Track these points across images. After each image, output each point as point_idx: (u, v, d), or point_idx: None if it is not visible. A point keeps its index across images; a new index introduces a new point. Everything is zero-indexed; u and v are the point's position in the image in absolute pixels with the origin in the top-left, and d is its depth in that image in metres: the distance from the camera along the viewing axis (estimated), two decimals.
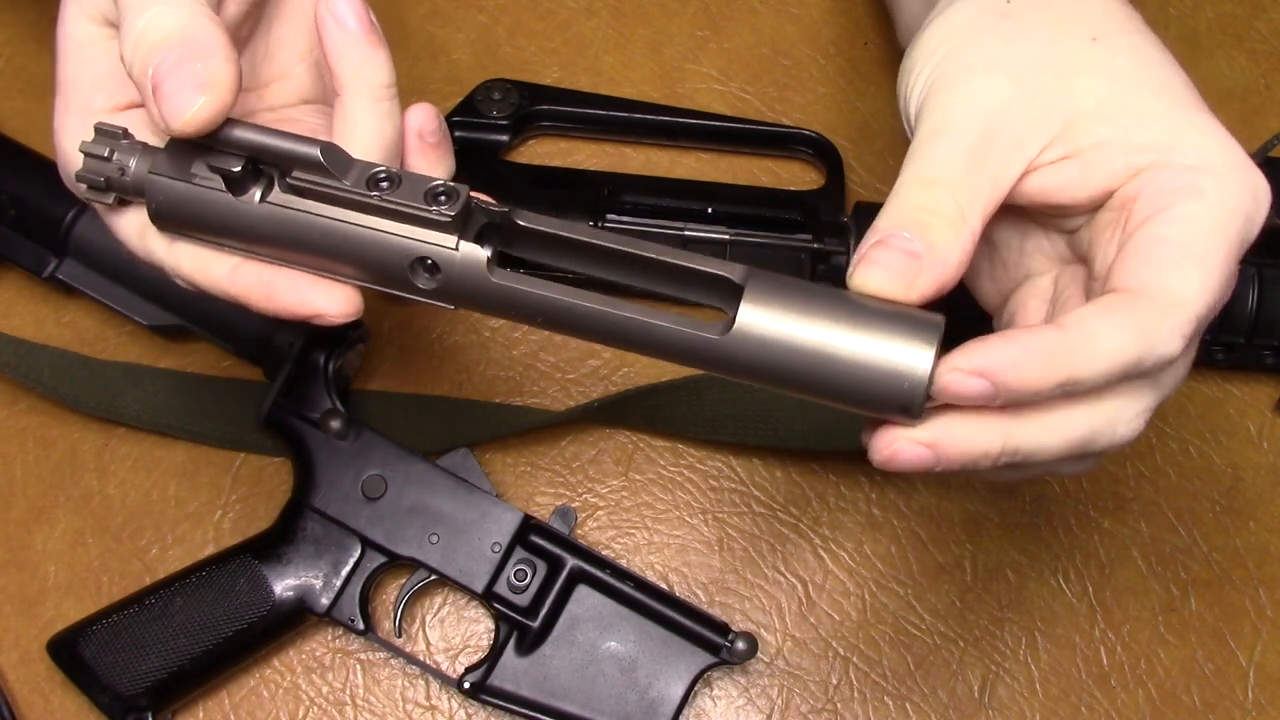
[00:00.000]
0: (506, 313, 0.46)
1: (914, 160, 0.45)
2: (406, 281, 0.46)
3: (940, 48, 0.48)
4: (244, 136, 0.45)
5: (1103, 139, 0.45)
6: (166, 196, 0.47)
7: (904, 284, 0.43)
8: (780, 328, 0.43)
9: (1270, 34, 0.81)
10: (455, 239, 0.45)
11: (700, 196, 0.71)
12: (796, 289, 0.44)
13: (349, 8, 0.47)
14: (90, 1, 0.48)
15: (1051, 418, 0.44)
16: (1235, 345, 0.68)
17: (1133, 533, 0.70)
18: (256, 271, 0.48)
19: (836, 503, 0.70)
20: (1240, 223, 0.44)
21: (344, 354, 0.66)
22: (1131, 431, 0.45)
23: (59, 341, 0.69)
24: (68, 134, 0.49)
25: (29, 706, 0.64)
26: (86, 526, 0.67)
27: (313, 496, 0.64)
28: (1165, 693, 0.67)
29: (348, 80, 0.48)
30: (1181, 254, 0.43)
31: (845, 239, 0.69)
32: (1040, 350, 0.42)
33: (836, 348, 0.43)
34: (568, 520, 0.65)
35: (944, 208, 0.44)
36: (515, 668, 0.63)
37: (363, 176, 0.45)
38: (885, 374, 0.43)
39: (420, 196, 0.45)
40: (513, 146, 0.76)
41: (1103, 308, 0.43)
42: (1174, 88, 0.46)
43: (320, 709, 0.65)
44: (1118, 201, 0.45)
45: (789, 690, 0.66)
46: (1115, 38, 0.47)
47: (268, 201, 0.46)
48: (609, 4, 0.80)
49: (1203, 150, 0.44)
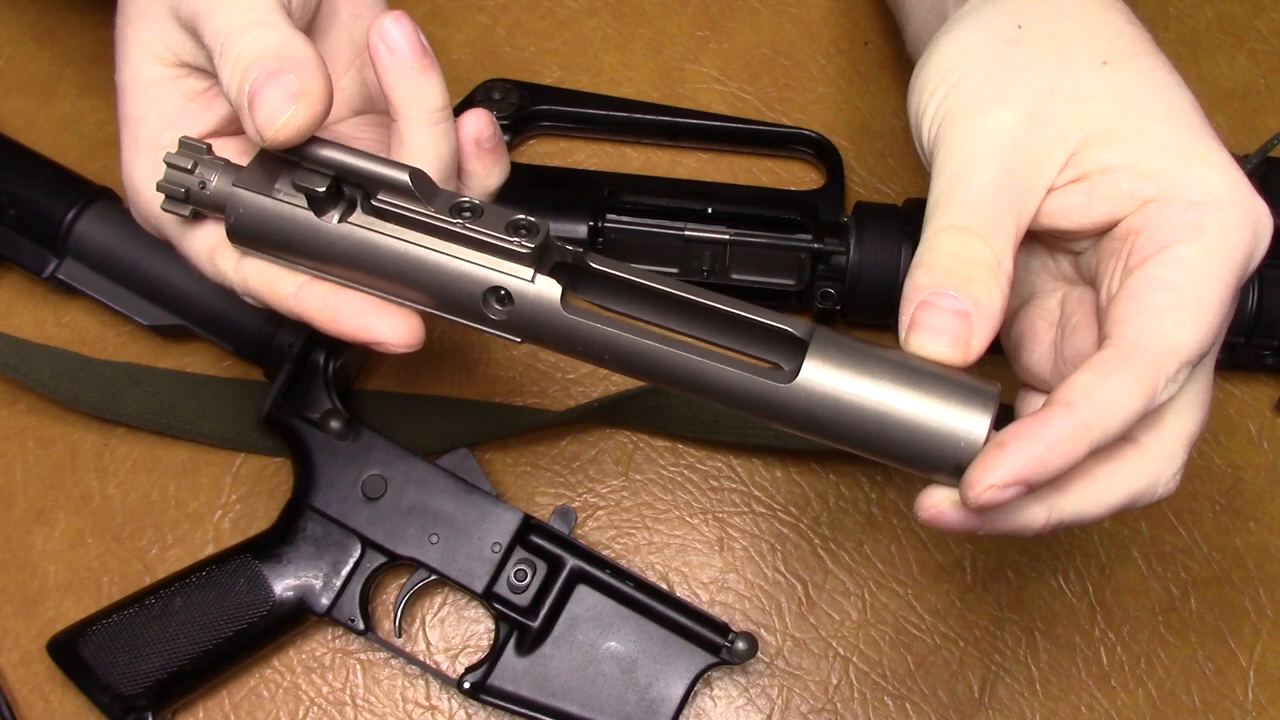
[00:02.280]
0: (574, 349, 0.47)
1: (942, 207, 0.46)
2: (477, 311, 0.47)
3: (952, 74, 0.48)
4: (333, 156, 0.45)
5: (1111, 164, 0.45)
6: (247, 210, 0.47)
7: (961, 349, 0.44)
8: (842, 385, 0.44)
9: (1270, 34, 0.81)
10: (531, 271, 0.46)
11: (700, 196, 0.71)
12: (859, 349, 0.45)
13: (401, 34, 0.48)
14: (159, 42, 0.49)
15: (1094, 487, 0.45)
16: (1235, 345, 0.68)
17: (1133, 533, 0.70)
18: (323, 293, 0.48)
19: (836, 503, 0.70)
20: (1241, 259, 0.45)
21: (344, 354, 0.66)
22: (1169, 490, 0.47)
23: (59, 341, 0.69)
24: (138, 170, 0.50)
25: (29, 706, 0.64)
26: (86, 526, 0.67)
27: (313, 496, 0.64)
28: (1165, 693, 0.67)
29: (402, 106, 0.48)
30: (1178, 298, 0.43)
31: (845, 239, 0.69)
32: (1060, 439, 0.42)
33: (896, 409, 0.44)
34: (568, 520, 0.65)
35: (980, 256, 0.44)
36: (515, 668, 0.63)
37: (446, 204, 0.46)
38: (941, 438, 0.44)
39: (502, 227, 0.45)
40: (513, 146, 0.76)
41: (1104, 372, 0.43)
42: (1183, 113, 0.46)
43: (320, 709, 0.65)
44: (1121, 231, 0.46)
45: (789, 690, 0.66)
46: (1127, 61, 0.47)
47: (348, 222, 0.47)
48: (609, 4, 0.80)
49: (1208, 184, 0.45)
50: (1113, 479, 0.45)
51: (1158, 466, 0.46)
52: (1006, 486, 0.42)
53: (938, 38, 0.50)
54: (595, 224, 0.69)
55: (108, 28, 0.51)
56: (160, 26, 0.49)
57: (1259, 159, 0.71)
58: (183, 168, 0.48)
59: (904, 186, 0.76)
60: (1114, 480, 0.45)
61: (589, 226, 0.69)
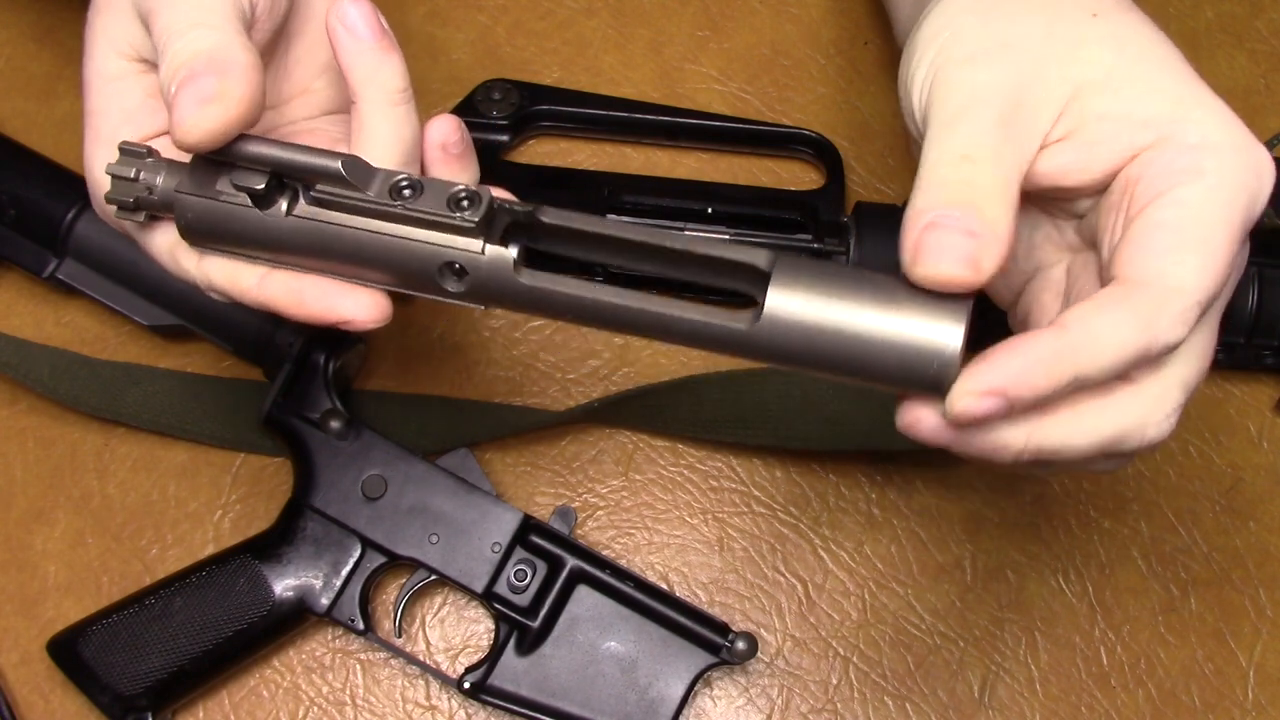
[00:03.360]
0: (537, 310, 0.47)
1: (942, 138, 0.44)
2: (436, 285, 0.47)
3: (943, 31, 0.47)
4: (264, 152, 0.45)
5: (1107, 111, 0.45)
6: (195, 213, 0.48)
7: (971, 267, 0.42)
8: (809, 312, 0.43)
9: (1270, 34, 0.81)
10: (481, 243, 0.46)
11: (700, 196, 0.71)
12: (823, 273, 0.44)
13: (359, 14, 0.48)
14: (122, 38, 0.49)
15: (1079, 418, 0.43)
16: (1235, 345, 0.68)
17: (1133, 533, 0.70)
18: (284, 280, 0.48)
19: (836, 503, 0.70)
20: (1243, 201, 0.44)
21: (344, 354, 0.66)
22: (1161, 433, 0.45)
23: (59, 341, 0.69)
24: (98, 163, 0.50)
25: (29, 706, 0.64)
26: (86, 526, 0.67)
27: (313, 496, 0.64)
28: (1165, 693, 0.67)
29: (361, 87, 0.48)
30: (1178, 239, 0.43)
31: (845, 239, 0.69)
32: (1045, 356, 0.41)
33: (867, 329, 0.43)
34: (568, 520, 0.65)
35: (986, 180, 0.43)
36: (515, 668, 0.63)
37: (385, 185, 0.46)
38: (916, 353, 0.43)
39: (443, 203, 0.45)
40: (513, 146, 0.76)
41: (1101, 303, 0.42)
42: (1175, 63, 0.46)
43: (320, 709, 0.65)
44: (1121, 183, 0.45)
45: (789, 690, 0.66)
46: (1115, 15, 0.47)
47: (294, 215, 0.47)
48: (609, 4, 0.80)
49: (1205, 127, 0.44)
50: (1100, 411, 0.43)
51: (1150, 405, 0.44)
52: (984, 395, 0.41)
53: (926, 10, 0.49)
54: None
55: None
56: (123, 21, 0.49)
57: None
58: (126, 177, 0.48)
59: (904, 186, 0.76)
60: (1101, 412, 0.43)
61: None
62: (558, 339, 0.72)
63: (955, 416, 0.42)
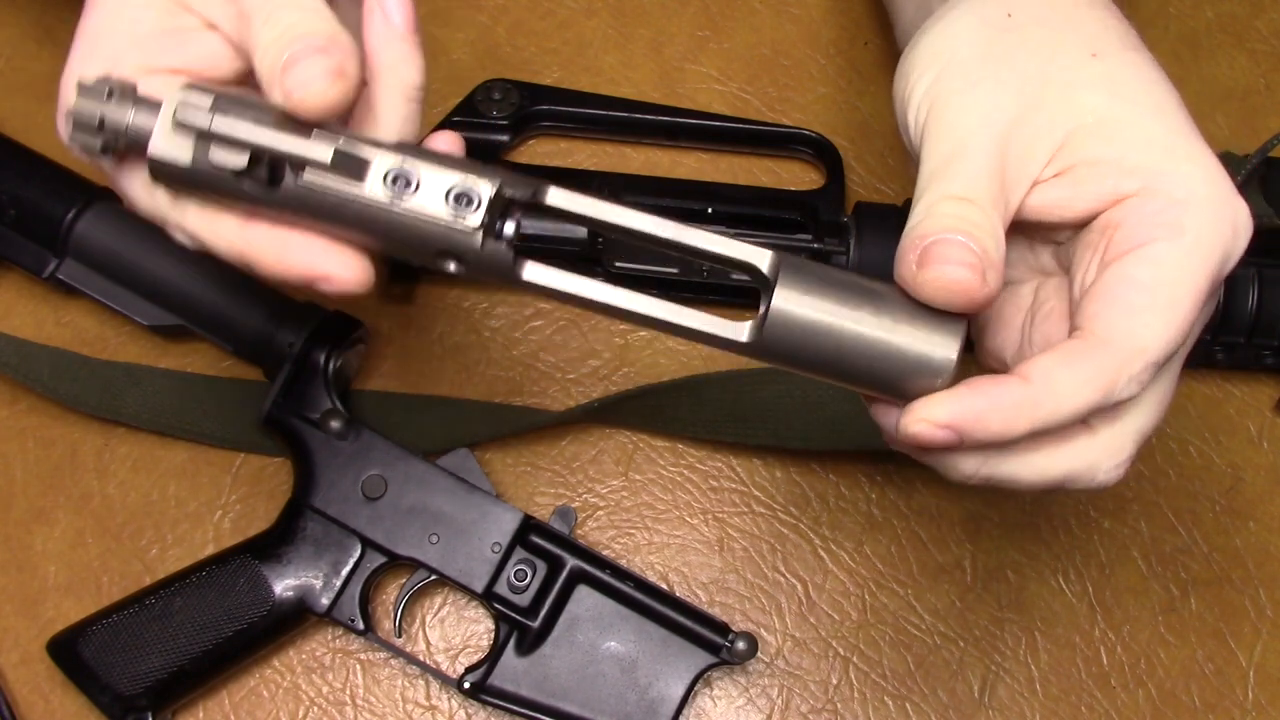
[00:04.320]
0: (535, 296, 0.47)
1: (940, 179, 0.45)
2: (433, 264, 0.46)
3: (941, 56, 0.48)
4: (249, 137, 0.43)
5: (1098, 157, 0.45)
6: (172, 173, 0.45)
7: (978, 277, 0.43)
8: (811, 317, 0.44)
9: (1270, 34, 0.81)
10: (479, 239, 0.44)
11: (700, 196, 0.71)
12: (828, 278, 0.45)
13: (398, 5, 0.48)
14: None
15: (1033, 457, 0.45)
16: (1235, 345, 0.68)
17: (1133, 533, 0.70)
18: (269, 229, 0.46)
19: (836, 503, 0.70)
20: (1217, 259, 0.44)
21: (344, 354, 0.66)
22: (1110, 479, 0.46)
23: (59, 341, 0.69)
24: None
25: (29, 706, 0.64)
26: (86, 526, 0.67)
27: (313, 496, 0.64)
28: (1165, 693, 0.67)
29: (382, 72, 0.47)
30: (1148, 300, 0.44)
31: (845, 239, 0.69)
32: (1006, 404, 0.43)
33: (866, 338, 0.44)
34: (568, 520, 0.65)
35: (983, 221, 0.44)
36: (515, 668, 0.63)
37: (378, 177, 0.44)
38: (911, 366, 0.44)
39: (440, 201, 0.44)
40: (513, 146, 0.76)
41: (1065, 357, 0.43)
42: (1169, 109, 0.46)
43: (320, 709, 0.65)
44: (1100, 224, 0.46)
45: (789, 690, 0.66)
46: (1115, 54, 0.47)
47: (281, 188, 0.44)
48: (609, 4, 0.80)
49: (1191, 181, 0.45)
50: (1055, 454, 0.45)
51: (1103, 454, 0.46)
52: (939, 427, 0.43)
53: (926, 25, 0.50)
54: None
55: None
56: None
57: (1259, 159, 0.71)
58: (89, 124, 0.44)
59: (904, 186, 0.76)
60: (1056, 455, 0.45)
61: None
62: (558, 339, 0.72)
63: (906, 437, 0.44)
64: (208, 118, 0.43)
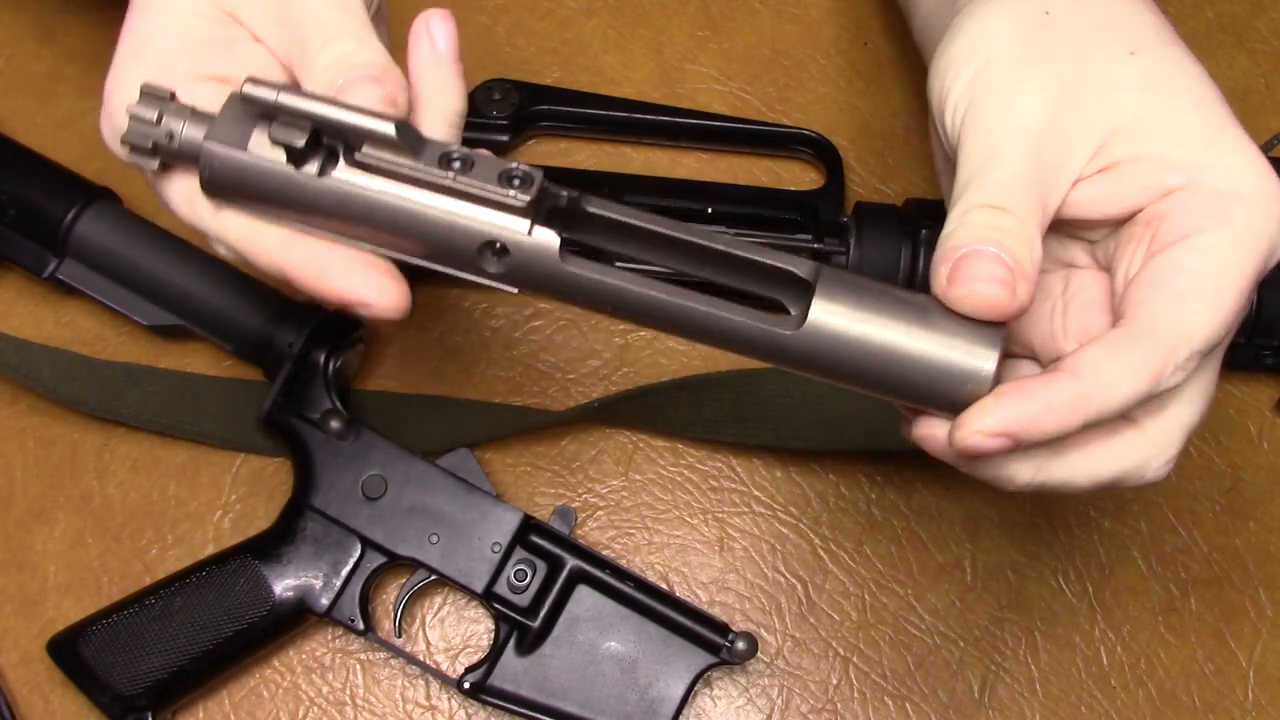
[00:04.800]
0: (572, 299, 0.46)
1: (972, 188, 0.45)
2: (474, 264, 0.45)
3: (978, 55, 0.47)
4: (312, 108, 0.43)
5: (1140, 154, 0.45)
6: (222, 164, 0.45)
7: (1008, 292, 0.43)
8: (849, 326, 0.44)
9: (1270, 34, 0.81)
10: (528, 223, 0.44)
11: (700, 196, 0.71)
12: (866, 288, 0.45)
13: (444, 30, 0.48)
14: None
15: (1085, 459, 0.45)
16: (1235, 345, 0.68)
17: (1133, 533, 0.70)
18: (311, 248, 0.46)
19: (836, 503, 0.70)
20: (1264, 250, 0.45)
21: (344, 354, 0.66)
22: (1159, 475, 0.46)
23: (59, 341, 0.69)
24: (126, 87, 0.47)
25: (29, 706, 0.64)
26: (86, 526, 0.67)
27: (313, 496, 0.64)
28: (1165, 693, 0.67)
29: (426, 98, 0.48)
30: (1197, 286, 0.44)
31: (845, 239, 0.69)
32: (1058, 403, 0.43)
33: (905, 346, 0.44)
34: (568, 520, 0.65)
35: (1013, 227, 0.44)
36: (515, 668, 0.63)
37: (435, 155, 0.44)
38: (948, 375, 0.44)
39: (494, 179, 0.44)
40: (513, 146, 0.76)
41: (1113, 348, 0.43)
42: (1210, 103, 0.46)
43: (320, 709, 0.65)
44: (1145, 217, 0.46)
45: (789, 690, 0.66)
46: (1154, 50, 0.47)
47: (332, 176, 0.45)
48: (609, 4, 0.80)
49: (1237, 175, 0.45)
50: (1105, 454, 0.45)
51: (1152, 450, 0.46)
52: (993, 435, 0.43)
53: (960, 21, 0.49)
54: None
55: (109, 28, 0.51)
56: None
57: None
58: (147, 119, 0.45)
59: (904, 186, 0.76)
60: (1106, 455, 0.45)
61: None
62: (558, 339, 0.72)
63: (960, 450, 0.44)
64: (274, 92, 0.43)
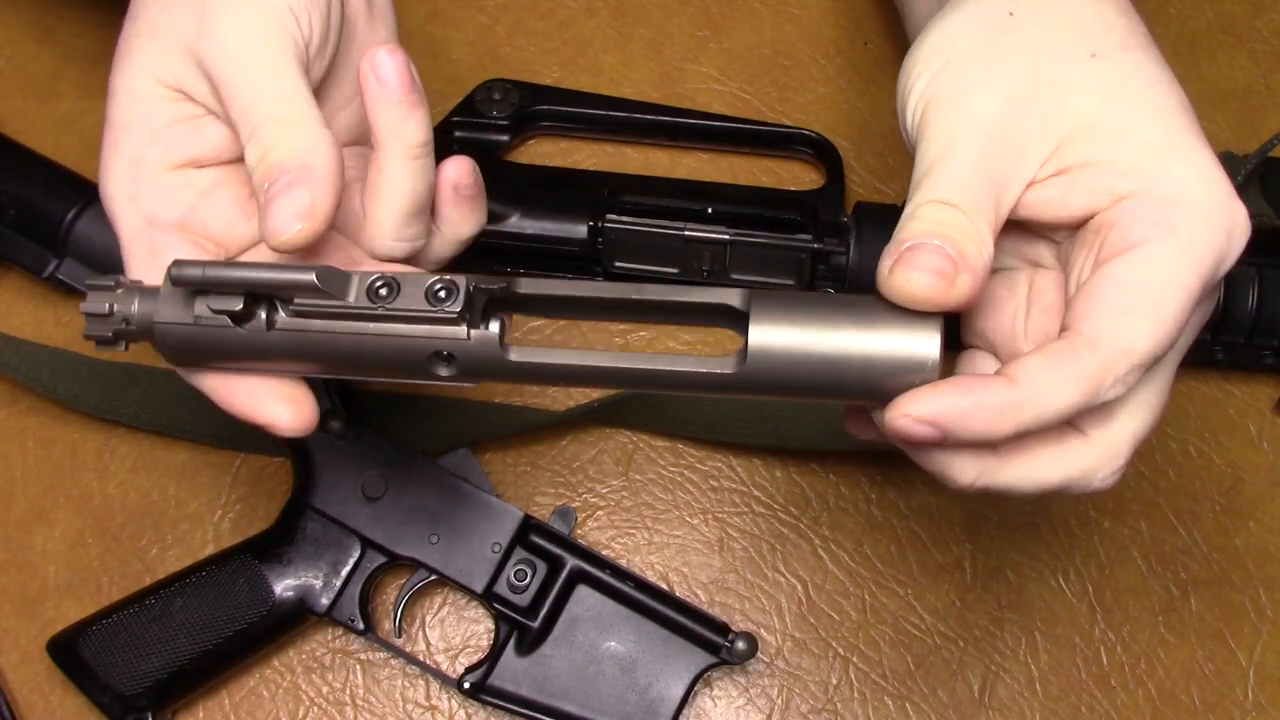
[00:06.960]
0: (527, 380, 0.49)
1: (927, 183, 0.46)
2: (428, 372, 0.48)
3: (940, 55, 0.48)
4: (237, 276, 0.46)
5: (1092, 159, 0.45)
6: (178, 340, 0.48)
7: (945, 284, 0.43)
8: (791, 340, 0.45)
9: (1270, 34, 0.81)
10: (464, 329, 0.46)
11: (700, 196, 0.71)
12: (800, 301, 0.45)
13: (391, 65, 0.48)
14: (164, 68, 0.50)
15: (1030, 465, 0.46)
16: (1235, 345, 0.68)
17: (1133, 533, 0.70)
18: (218, 377, 0.49)
19: (836, 503, 0.70)
20: (1210, 263, 0.44)
21: None
22: (1106, 485, 0.47)
23: (59, 341, 0.69)
24: (114, 179, 0.50)
25: (29, 706, 0.64)
26: (86, 526, 0.67)
27: (313, 496, 0.64)
28: (1165, 693, 0.67)
29: (385, 138, 0.48)
30: (1136, 301, 0.44)
31: (845, 239, 0.69)
32: (990, 405, 0.43)
33: (848, 349, 0.44)
34: (568, 520, 0.65)
35: (964, 224, 0.44)
36: (515, 668, 0.63)
37: (362, 288, 0.46)
38: (891, 368, 0.44)
39: (422, 298, 0.46)
40: (513, 146, 0.76)
41: (1051, 359, 0.44)
42: (1169, 111, 0.46)
43: (320, 709, 0.65)
44: (1096, 224, 0.46)
45: (789, 690, 0.66)
46: (1116, 55, 0.47)
47: (276, 328, 0.47)
48: (609, 4, 0.80)
49: (1185, 184, 0.44)
50: (1052, 461, 0.46)
51: (1099, 459, 0.46)
52: (920, 422, 0.43)
53: (930, 23, 0.50)
54: (595, 224, 0.69)
55: (109, 27, 0.52)
56: (170, 55, 0.49)
57: (1259, 159, 0.71)
58: (100, 313, 0.48)
59: (904, 186, 0.75)
60: (1053, 462, 0.46)
61: (589, 226, 0.69)
62: (558, 339, 0.72)
63: (888, 431, 0.44)
64: (200, 270, 0.46)
